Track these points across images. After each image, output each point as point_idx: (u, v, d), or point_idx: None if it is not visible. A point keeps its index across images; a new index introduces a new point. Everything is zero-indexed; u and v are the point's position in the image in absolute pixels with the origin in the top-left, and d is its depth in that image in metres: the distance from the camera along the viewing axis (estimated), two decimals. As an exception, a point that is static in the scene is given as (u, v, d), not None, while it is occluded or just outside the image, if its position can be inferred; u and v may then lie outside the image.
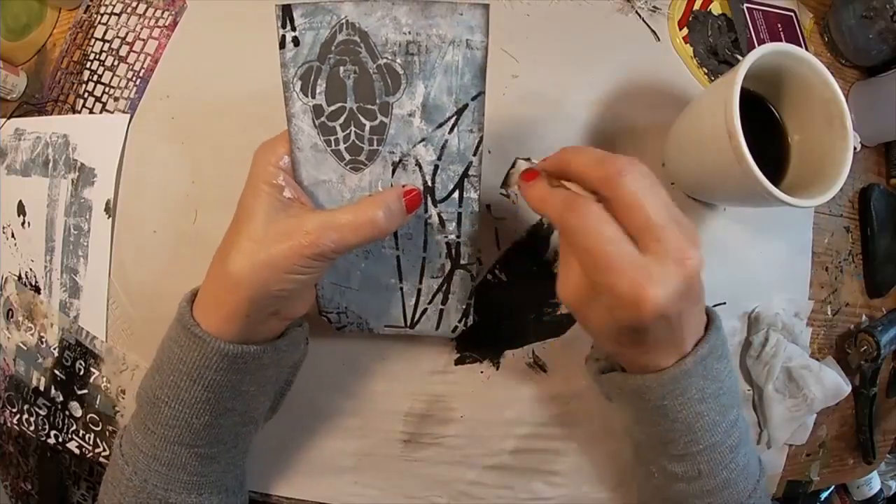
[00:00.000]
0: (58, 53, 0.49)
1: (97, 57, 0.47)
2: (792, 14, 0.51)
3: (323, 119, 0.28)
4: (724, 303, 0.45)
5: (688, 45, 0.47)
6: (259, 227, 0.28)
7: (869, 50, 0.49)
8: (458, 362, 0.43)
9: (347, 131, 0.29)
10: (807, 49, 0.49)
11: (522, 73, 0.45)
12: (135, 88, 0.46)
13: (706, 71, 0.47)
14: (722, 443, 0.30)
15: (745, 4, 0.49)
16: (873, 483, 0.59)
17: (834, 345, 0.50)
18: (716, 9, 0.49)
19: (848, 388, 0.45)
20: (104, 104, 0.46)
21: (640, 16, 0.47)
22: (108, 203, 0.44)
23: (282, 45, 0.27)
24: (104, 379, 0.44)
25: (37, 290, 0.46)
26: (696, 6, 0.48)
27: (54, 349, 0.46)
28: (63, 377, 0.45)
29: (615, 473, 0.44)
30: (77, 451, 0.45)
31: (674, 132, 0.42)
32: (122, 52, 0.46)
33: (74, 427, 0.45)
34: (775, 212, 0.45)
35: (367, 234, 0.29)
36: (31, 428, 0.47)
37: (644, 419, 0.31)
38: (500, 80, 0.44)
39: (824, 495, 0.61)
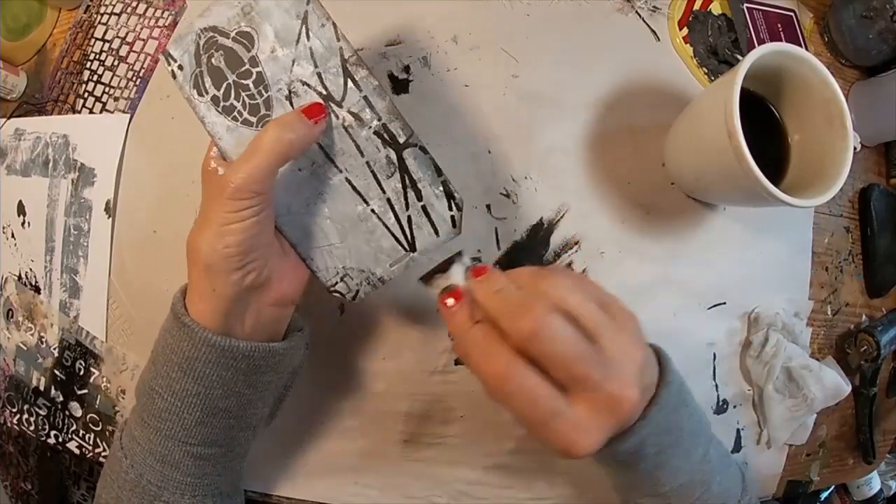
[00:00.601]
0: (58, 53, 0.49)
1: (97, 57, 0.47)
2: (792, 14, 0.51)
3: (222, 103, 0.33)
4: (725, 303, 0.45)
5: (688, 45, 0.47)
6: (203, 206, 0.31)
7: (869, 50, 0.49)
8: (458, 362, 0.43)
9: (241, 100, 0.33)
10: (807, 49, 0.49)
11: (522, 73, 0.45)
12: (135, 88, 0.46)
13: (706, 71, 0.47)
14: (690, 481, 0.30)
15: (745, 4, 0.49)
16: (873, 483, 0.59)
17: (834, 345, 0.50)
18: (716, 9, 0.49)
19: (848, 388, 0.45)
20: (104, 104, 0.46)
21: (640, 16, 0.47)
22: (108, 203, 0.44)
23: (173, 76, 0.33)
24: (104, 379, 0.44)
25: (37, 290, 0.46)
26: (696, 6, 0.48)
27: (54, 349, 0.46)
28: (63, 377, 0.45)
29: (615, 473, 0.44)
30: (77, 451, 0.45)
31: (674, 132, 0.42)
32: (122, 52, 0.46)
33: (74, 427, 0.45)
34: (775, 212, 0.45)
35: (277, 150, 0.29)
36: (31, 428, 0.47)
37: (608, 471, 0.33)
38: (500, 80, 0.44)
39: (824, 495, 0.61)
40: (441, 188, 0.34)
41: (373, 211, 0.34)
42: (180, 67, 0.33)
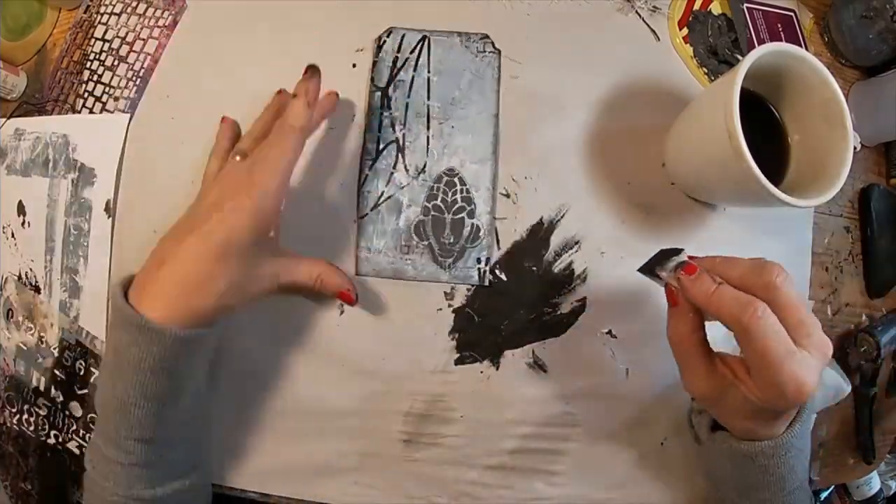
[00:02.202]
0: (58, 53, 0.49)
1: (97, 57, 0.47)
2: (792, 14, 0.51)
3: None
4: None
5: (688, 45, 0.47)
6: (236, 266, 0.33)
7: (869, 50, 0.49)
8: (458, 362, 0.43)
9: None
10: (807, 49, 0.49)
11: (522, 74, 0.45)
12: (135, 88, 0.46)
13: (706, 71, 0.47)
14: (799, 487, 0.35)
15: (745, 4, 0.49)
16: (873, 483, 0.59)
17: (834, 345, 0.50)
18: (716, 9, 0.49)
19: (848, 388, 0.45)
20: (104, 104, 0.46)
21: (640, 16, 0.47)
22: (108, 203, 0.44)
23: None
24: (104, 379, 0.44)
25: (37, 290, 0.46)
26: (696, 6, 0.48)
27: (54, 349, 0.46)
28: (63, 377, 0.45)
29: (615, 473, 0.44)
30: (77, 451, 0.45)
31: (674, 132, 0.42)
32: (122, 52, 0.46)
33: (74, 427, 0.45)
34: (775, 212, 0.45)
35: (308, 286, 0.39)
36: (31, 428, 0.47)
37: (740, 471, 0.35)
38: (498, 80, 0.44)
39: (824, 495, 0.61)
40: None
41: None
42: None
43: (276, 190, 0.34)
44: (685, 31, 0.48)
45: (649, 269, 0.35)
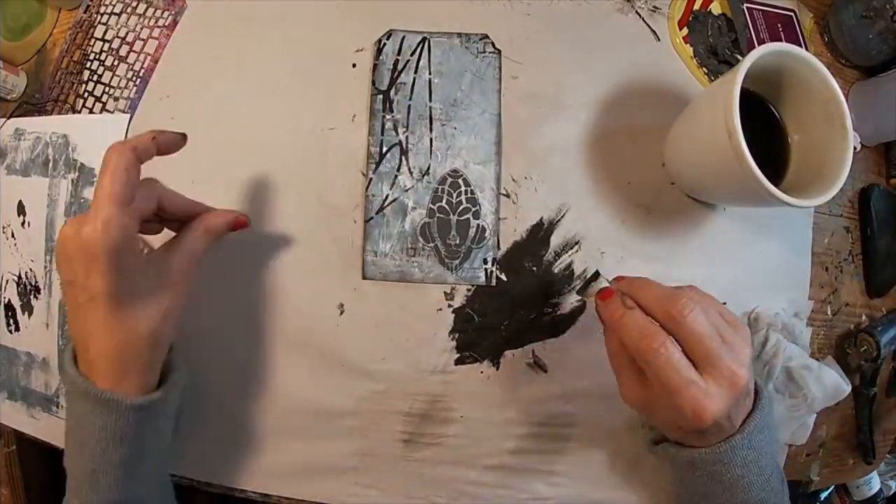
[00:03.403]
0: (58, 53, 0.49)
1: (97, 57, 0.47)
2: (792, 14, 0.51)
3: None
4: (724, 303, 0.45)
5: (688, 45, 0.47)
6: (118, 300, 0.32)
7: (869, 50, 0.49)
8: (458, 362, 0.43)
9: None
10: (807, 49, 0.49)
11: (522, 74, 0.45)
12: (135, 88, 0.46)
13: (706, 71, 0.47)
14: (755, 497, 0.34)
15: (745, 4, 0.49)
16: (873, 483, 0.59)
17: (834, 345, 0.50)
18: (716, 9, 0.49)
19: (848, 388, 0.45)
20: (104, 104, 0.46)
21: (640, 16, 0.47)
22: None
23: None
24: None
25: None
26: (696, 6, 0.48)
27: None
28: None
29: (615, 474, 0.44)
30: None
31: (674, 132, 0.42)
32: (122, 52, 0.46)
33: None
34: (775, 212, 0.45)
35: (204, 244, 0.37)
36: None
37: (689, 480, 0.35)
38: (500, 80, 0.44)
39: (824, 495, 0.61)
40: None
41: None
42: None
43: (110, 214, 0.31)
44: (685, 31, 0.48)
45: (582, 290, 0.37)
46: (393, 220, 0.43)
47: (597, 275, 0.36)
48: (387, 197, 0.43)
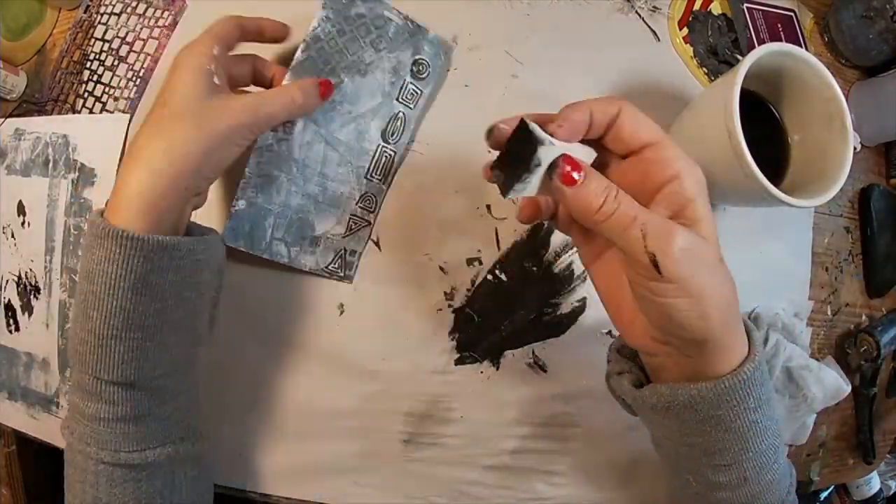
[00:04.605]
0: (58, 53, 0.49)
1: (97, 57, 0.47)
2: (792, 14, 0.51)
3: None
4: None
5: (688, 45, 0.47)
6: (198, 101, 0.31)
7: (869, 50, 0.49)
8: (458, 362, 0.43)
9: None
10: (807, 49, 0.49)
11: (522, 74, 0.45)
12: (135, 88, 0.46)
13: (706, 71, 0.47)
14: (769, 446, 0.28)
15: (745, 4, 0.49)
16: (873, 483, 0.59)
17: (834, 345, 0.50)
18: (716, 9, 0.49)
19: (848, 388, 0.45)
20: (104, 104, 0.46)
21: (640, 16, 0.47)
22: (107, 203, 0.44)
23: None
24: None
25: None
26: (696, 6, 0.48)
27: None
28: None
29: (615, 473, 0.44)
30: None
31: (674, 132, 0.42)
32: (122, 52, 0.46)
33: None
34: (775, 212, 0.45)
35: (290, 108, 0.35)
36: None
37: (691, 430, 0.29)
38: (500, 80, 0.44)
39: (824, 495, 0.61)
40: None
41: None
42: None
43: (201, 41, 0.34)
44: (685, 31, 0.48)
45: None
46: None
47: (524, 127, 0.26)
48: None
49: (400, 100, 0.42)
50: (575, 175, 0.25)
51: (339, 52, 0.39)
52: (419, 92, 0.43)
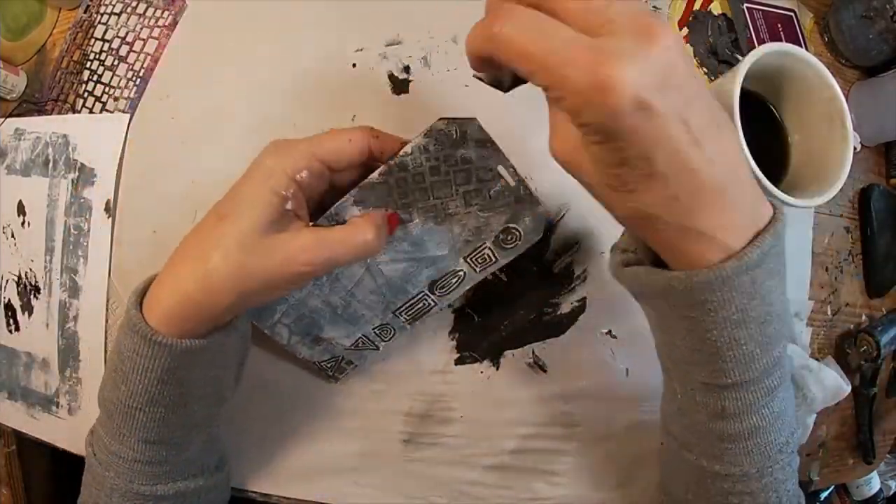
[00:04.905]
0: (58, 53, 0.49)
1: (97, 57, 0.47)
2: (792, 14, 0.51)
3: None
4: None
5: (688, 45, 0.47)
6: (253, 234, 0.28)
7: (869, 50, 0.49)
8: (458, 362, 0.43)
9: None
10: (807, 49, 0.49)
11: (522, 73, 0.45)
12: (135, 88, 0.46)
13: (706, 71, 0.47)
14: (757, 381, 0.24)
15: (745, 4, 0.49)
16: (873, 483, 0.59)
17: (834, 345, 0.50)
18: (716, 9, 0.49)
19: (848, 388, 0.45)
20: (104, 104, 0.46)
21: (640, 16, 0.47)
22: (108, 203, 0.44)
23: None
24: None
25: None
26: (696, 6, 0.48)
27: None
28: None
29: (615, 474, 0.44)
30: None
31: (674, 132, 0.42)
32: (122, 52, 0.46)
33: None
34: (775, 212, 0.45)
35: (358, 252, 0.30)
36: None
37: (667, 327, 0.25)
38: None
39: (824, 495, 0.61)
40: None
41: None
42: None
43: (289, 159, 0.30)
44: (685, 31, 0.48)
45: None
46: None
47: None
48: None
49: (468, 259, 0.37)
50: None
51: (423, 191, 0.33)
52: (494, 260, 0.37)
